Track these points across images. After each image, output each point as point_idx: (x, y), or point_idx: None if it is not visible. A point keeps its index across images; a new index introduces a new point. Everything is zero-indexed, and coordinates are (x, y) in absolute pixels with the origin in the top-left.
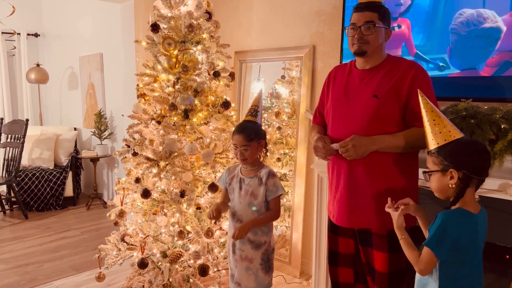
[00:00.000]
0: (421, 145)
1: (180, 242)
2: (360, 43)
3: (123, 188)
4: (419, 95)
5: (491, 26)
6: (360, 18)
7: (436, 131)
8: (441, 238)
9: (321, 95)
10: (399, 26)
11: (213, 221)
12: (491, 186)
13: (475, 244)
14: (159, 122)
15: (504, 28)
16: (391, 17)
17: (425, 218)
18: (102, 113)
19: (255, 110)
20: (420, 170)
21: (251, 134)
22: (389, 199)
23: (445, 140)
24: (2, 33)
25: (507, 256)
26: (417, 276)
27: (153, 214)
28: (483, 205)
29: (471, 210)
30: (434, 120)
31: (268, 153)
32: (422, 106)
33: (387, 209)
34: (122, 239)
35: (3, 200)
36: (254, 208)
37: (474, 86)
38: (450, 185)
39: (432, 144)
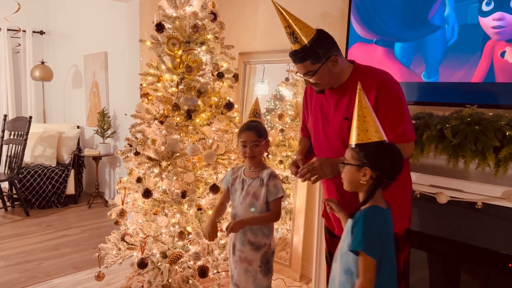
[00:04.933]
0: None
1: (180, 243)
2: (315, 87)
3: (125, 188)
4: (357, 89)
5: None
6: (298, 70)
7: (363, 127)
8: (371, 238)
9: (303, 109)
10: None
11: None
12: (495, 194)
13: (390, 236)
14: (161, 122)
15: None
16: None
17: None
18: (105, 112)
19: (257, 113)
20: (425, 176)
21: (260, 130)
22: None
23: (369, 139)
24: (8, 30)
25: (510, 265)
26: (340, 274)
27: (154, 214)
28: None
29: (382, 206)
30: (365, 116)
31: (269, 156)
32: (357, 100)
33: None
34: (123, 239)
35: (5, 197)
36: (252, 209)
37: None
38: (361, 181)
39: (356, 139)
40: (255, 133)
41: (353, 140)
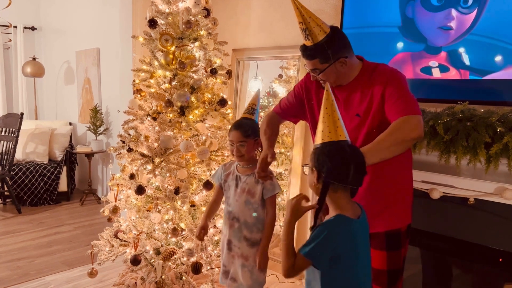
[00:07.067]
0: (392, 152)
1: (173, 239)
2: (323, 82)
3: (117, 184)
4: (325, 88)
5: None
6: (307, 65)
7: (325, 129)
8: (322, 249)
9: (293, 96)
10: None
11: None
12: (487, 190)
13: (355, 250)
14: (154, 119)
15: None
16: None
17: None
18: (97, 109)
19: (252, 109)
20: (417, 172)
21: (248, 130)
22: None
23: (330, 138)
24: None
25: (500, 259)
26: (305, 276)
27: (147, 210)
28: (362, 209)
29: (350, 215)
30: (330, 116)
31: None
32: (326, 97)
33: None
34: (115, 236)
35: None
36: (254, 215)
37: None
38: (314, 183)
39: (317, 139)
40: (241, 132)
41: (315, 141)
